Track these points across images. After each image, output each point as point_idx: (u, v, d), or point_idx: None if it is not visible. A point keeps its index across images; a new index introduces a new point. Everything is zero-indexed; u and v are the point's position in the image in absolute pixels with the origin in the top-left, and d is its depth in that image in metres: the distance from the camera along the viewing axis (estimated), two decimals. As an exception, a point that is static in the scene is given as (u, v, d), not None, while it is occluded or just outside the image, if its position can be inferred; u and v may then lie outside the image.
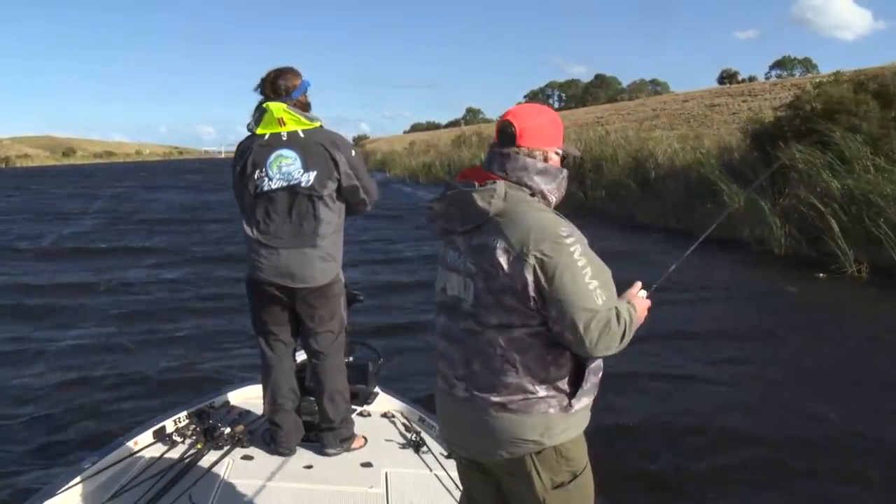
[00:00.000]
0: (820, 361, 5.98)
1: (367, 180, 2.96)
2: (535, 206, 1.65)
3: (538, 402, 1.63)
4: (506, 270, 1.59)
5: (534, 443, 1.64)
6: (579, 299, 1.55)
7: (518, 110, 1.73)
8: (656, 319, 5.82)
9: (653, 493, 3.75)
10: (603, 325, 1.56)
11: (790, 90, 28.19)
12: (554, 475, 1.67)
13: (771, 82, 40.70)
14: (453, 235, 1.73)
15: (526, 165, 1.67)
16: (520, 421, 1.63)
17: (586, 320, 1.54)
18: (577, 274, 1.56)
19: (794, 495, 3.75)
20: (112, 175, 53.53)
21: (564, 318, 1.56)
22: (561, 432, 1.66)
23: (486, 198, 1.62)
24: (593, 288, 1.56)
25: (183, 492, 2.59)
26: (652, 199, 14.68)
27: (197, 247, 13.23)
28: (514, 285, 1.58)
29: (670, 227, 13.27)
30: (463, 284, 1.69)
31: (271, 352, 3.01)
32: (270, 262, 2.84)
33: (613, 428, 4.33)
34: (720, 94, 34.58)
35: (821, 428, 4.49)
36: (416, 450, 3.03)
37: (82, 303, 8.22)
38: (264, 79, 2.89)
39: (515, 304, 1.60)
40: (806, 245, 10.22)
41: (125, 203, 24.58)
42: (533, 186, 1.67)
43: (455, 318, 1.72)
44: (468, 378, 1.69)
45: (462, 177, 1.74)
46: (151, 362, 5.88)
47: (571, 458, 1.68)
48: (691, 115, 27.40)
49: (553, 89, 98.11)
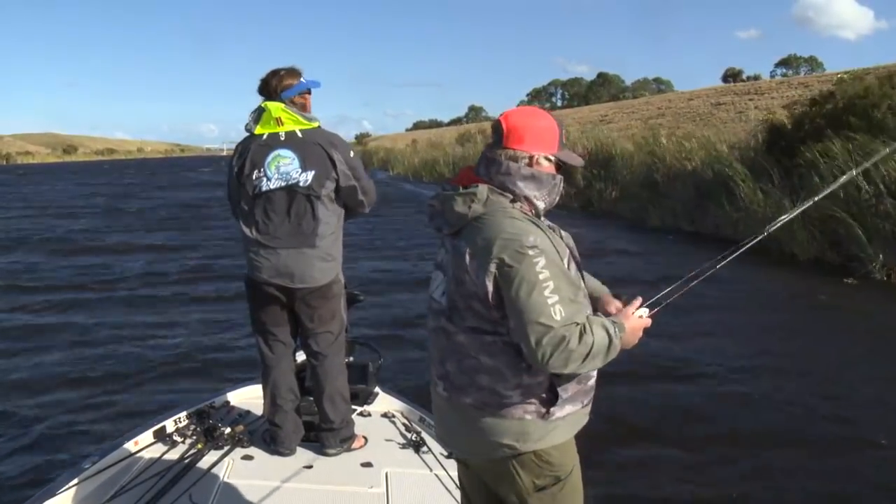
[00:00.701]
0: (865, 373, 5.67)
1: (365, 181, 2.97)
2: (510, 213, 1.60)
3: (512, 407, 1.62)
4: (472, 276, 1.58)
5: (508, 447, 1.63)
6: (534, 313, 1.50)
7: (512, 111, 1.71)
8: (675, 334, 5.69)
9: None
10: (557, 342, 1.49)
11: (797, 88, 28.18)
12: (536, 478, 1.65)
13: (777, 80, 40.62)
14: (444, 236, 1.74)
15: (510, 170, 1.64)
16: (494, 423, 1.63)
17: (539, 334, 1.49)
18: (537, 286, 1.50)
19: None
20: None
21: (518, 329, 1.53)
22: (538, 439, 1.63)
23: (466, 202, 1.62)
24: (552, 303, 1.50)
25: (183, 492, 2.60)
26: (663, 200, 14.30)
27: (199, 243, 13.27)
28: (478, 292, 1.58)
29: (683, 229, 13.10)
30: (444, 285, 1.69)
31: (270, 352, 3.01)
32: (269, 263, 2.85)
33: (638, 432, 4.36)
34: (726, 92, 34.48)
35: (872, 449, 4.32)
36: (416, 450, 3.04)
37: (82, 303, 8.26)
38: (262, 78, 2.90)
39: (481, 310, 1.59)
40: (830, 249, 9.85)
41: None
42: (516, 192, 1.64)
43: (433, 317, 1.74)
44: (445, 377, 1.70)
45: (458, 178, 1.74)
46: (151, 362, 5.90)
47: (554, 462, 1.66)
48: (697, 113, 27.35)
49: (556, 87, 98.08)
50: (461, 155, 27.96)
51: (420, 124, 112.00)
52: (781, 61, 71.67)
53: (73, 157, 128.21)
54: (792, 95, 25.59)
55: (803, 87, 27.61)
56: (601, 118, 34.69)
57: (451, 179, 1.76)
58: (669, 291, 1.81)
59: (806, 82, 30.47)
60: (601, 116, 35.81)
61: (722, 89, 38.01)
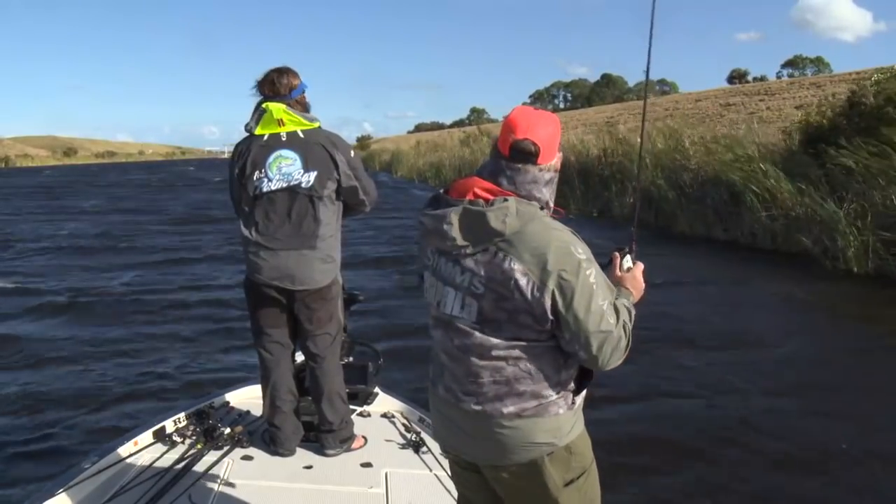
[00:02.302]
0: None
1: (366, 181, 3.01)
2: (549, 224, 1.62)
3: (550, 404, 1.67)
4: (524, 294, 1.57)
5: (547, 445, 1.67)
6: (593, 323, 1.59)
7: (530, 124, 1.64)
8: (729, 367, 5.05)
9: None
10: (615, 344, 1.62)
11: (808, 89, 28.10)
12: (565, 473, 1.70)
13: (787, 81, 40.53)
14: (455, 254, 1.66)
15: (536, 178, 1.65)
16: (533, 426, 1.66)
17: (600, 341, 1.60)
18: (593, 297, 1.58)
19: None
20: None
21: (579, 339, 1.60)
22: (569, 430, 1.70)
23: (499, 216, 1.57)
24: (606, 308, 1.60)
25: (183, 492, 2.64)
26: (692, 205, 13.22)
27: (199, 244, 13.33)
28: (533, 308, 1.58)
29: (715, 237, 12.32)
30: (461, 302, 1.66)
31: (269, 354, 3.04)
32: (269, 264, 2.88)
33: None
34: (735, 93, 34.43)
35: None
36: (416, 450, 3.07)
37: (82, 301, 8.33)
38: (263, 78, 2.92)
39: (531, 323, 1.61)
40: (893, 261, 8.92)
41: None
42: (541, 199, 1.65)
43: (452, 335, 1.70)
44: (477, 392, 1.68)
45: (455, 191, 1.68)
46: (151, 362, 5.94)
47: (580, 453, 1.73)
48: (706, 114, 27.28)
49: (559, 89, 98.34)
50: (468, 158, 27.80)
51: (422, 126, 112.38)
52: (787, 62, 71.71)
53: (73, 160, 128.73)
54: (804, 96, 25.54)
55: (815, 88, 27.52)
56: (607, 120, 34.65)
57: (447, 191, 1.71)
58: (633, 232, 1.97)
59: (817, 82, 30.38)
60: (607, 118, 35.74)
61: (730, 90, 37.96)
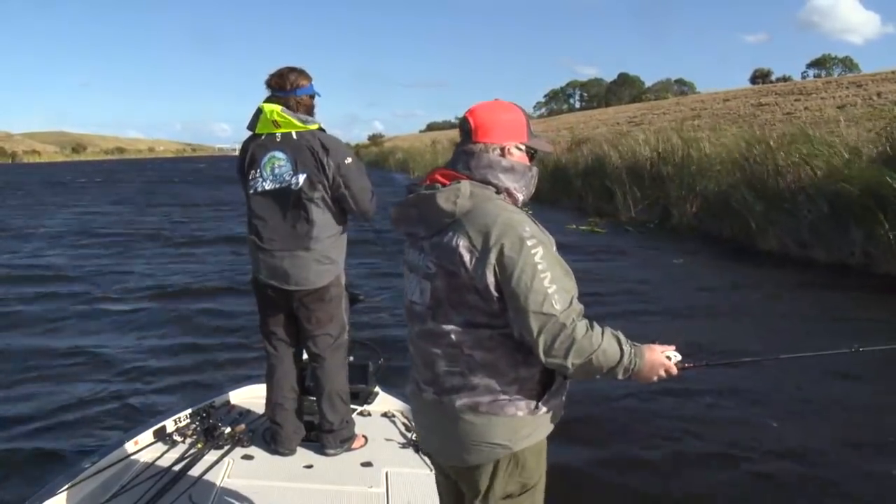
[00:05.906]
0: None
1: (357, 190, 2.98)
2: (502, 205, 1.65)
3: (507, 403, 1.66)
4: (468, 268, 1.60)
5: (501, 447, 1.67)
6: (534, 303, 1.55)
7: (476, 107, 1.77)
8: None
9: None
10: (558, 330, 1.55)
11: (847, 88, 27.61)
12: (507, 484, 1.71)
13: (822, 81, 39.89)
14: (419, 240, 1.74)
15: (491, 163, 1.69)
16: (488, 423, 1.66)
17: (541, 323, 1.55)
18: (536, 275, 1.55)
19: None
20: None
21: (519, 318, 1.58)
22: (527, 436, 1.69)
23: (450, 198, 1.64)
24: (552, 292, 1.55)
25: (183, 492, 2.72)
26: (784, 218, 10.99)
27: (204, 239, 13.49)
28: (477, 284, 1.60)
29: (815, 258, 10.17)
30: (419, 287, 1.72)
31: (274, 351, 3.16)
32: (267, 264, 2.98)
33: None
34: (765, 92, 33.99)
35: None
36: (416, 450, 3.13)
37: (82, 301, 8.44)
38: (275, 72, 3.00)
39: (479, 303, 1.62)
40: None
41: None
42: (498, 185, 1.69)
43: (413, 322, 1.77)
44: (434, 381, 1.72)
45: (430, 179, 1.75)
46: (151, 362, 6.02)
47: (527, 468, 1.71)
48: (737, 114, 26.91)
49: (574, 88, 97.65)
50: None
51: (434, 125, 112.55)
52: (814, 62, 70.58)
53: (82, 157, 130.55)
54: (843, 96, 25.06)
55: (855, 87, 27.03)
56: (629, 119, 34.46)
57: (419, 181, 1.79)
58: (722, 356, 1.74)
59: (857, 81, 29.80)
60: (629, 118, 35.53)
61: (759, 90, 37.49)
